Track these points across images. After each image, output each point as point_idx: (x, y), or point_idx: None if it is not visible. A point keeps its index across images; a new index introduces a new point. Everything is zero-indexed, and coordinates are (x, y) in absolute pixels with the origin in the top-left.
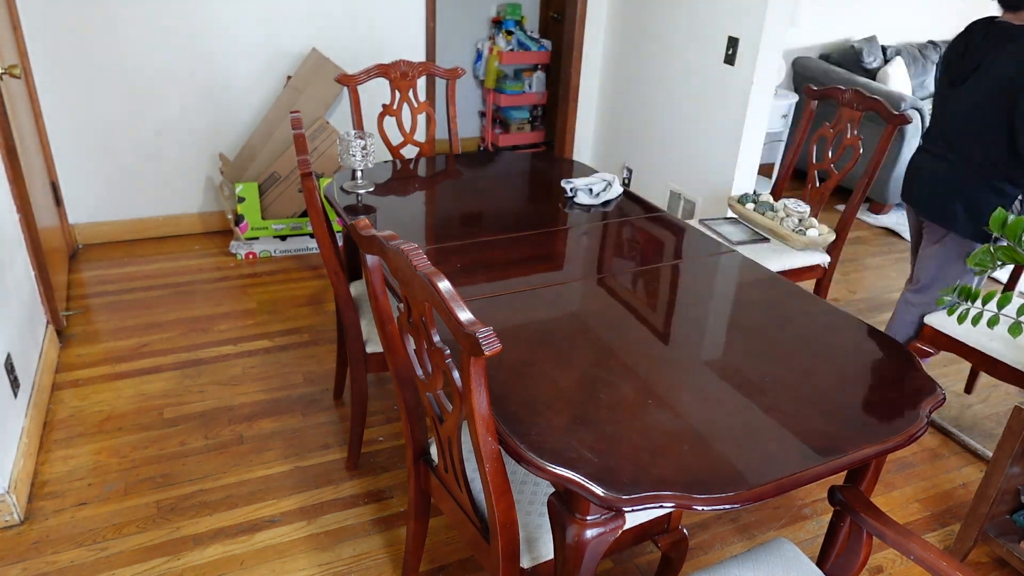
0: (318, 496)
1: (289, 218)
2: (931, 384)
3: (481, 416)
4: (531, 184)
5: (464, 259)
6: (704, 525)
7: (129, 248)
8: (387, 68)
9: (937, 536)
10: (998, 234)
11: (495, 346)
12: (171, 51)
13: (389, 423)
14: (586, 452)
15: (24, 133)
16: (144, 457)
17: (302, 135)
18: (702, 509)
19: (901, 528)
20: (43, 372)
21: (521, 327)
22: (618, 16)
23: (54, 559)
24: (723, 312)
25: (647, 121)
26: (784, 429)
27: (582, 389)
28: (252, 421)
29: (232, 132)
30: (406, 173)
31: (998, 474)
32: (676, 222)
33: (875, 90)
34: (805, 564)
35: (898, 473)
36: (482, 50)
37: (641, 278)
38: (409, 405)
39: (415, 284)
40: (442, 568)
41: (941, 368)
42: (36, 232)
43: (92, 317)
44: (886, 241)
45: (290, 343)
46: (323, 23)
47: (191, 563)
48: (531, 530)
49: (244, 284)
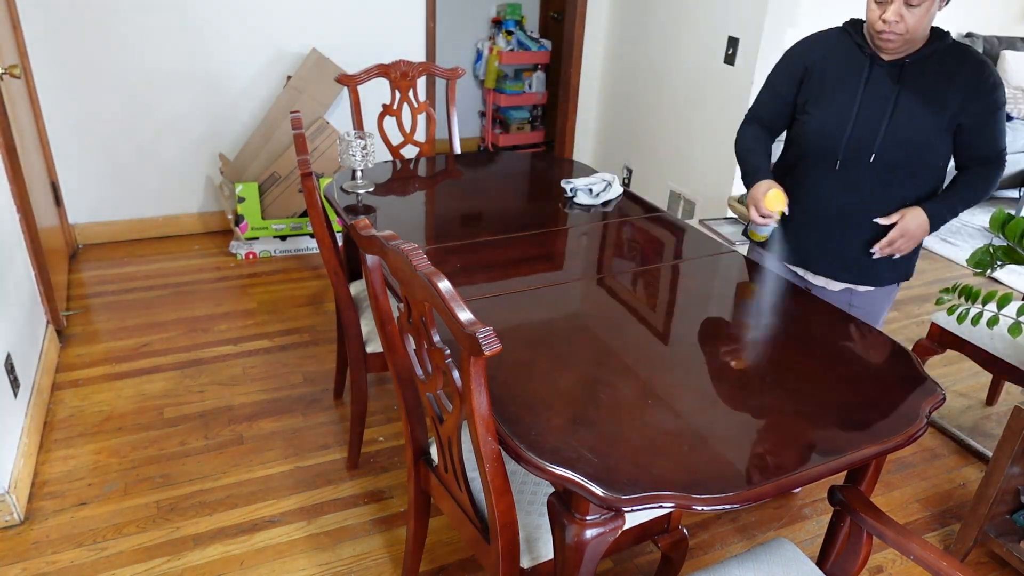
0: (318, 496)
1: (289, 218)
2: (931, 384)
3: (481, 416)
4: (531, 184)
5: (464, 259)
6: (704, 525)
7: (129, 248)
8: (387, 68)
9: (937, 536)
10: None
11: (495, 346)
12: (171, 51)
13: (389, 423)
14: (586, 452)
15: (24, 133)
16: (144, 457)
17: (302, 135)
18: (702, 509)
19: (901, 528)
20: (43, 372)
21: (521, 327)
22: (618, 16)
23: (54, 559)
24: (723, 312)
25: (647, 121)
26: (784, 429)
27: (582, 389)
28: (252, 421)
29: (232, 132)
30: (406, 173)
31: (998, 474)
32: (676, 222)
33: None
34: (805, 564)
35: (898, 473)
36: (482, 50)
37: (641, 278)
38: (409, 405)
39: (415, 284)
40: (442, 568)
41: (941, 368)
42: (36, 232)
43: (92, 317)
44: None
45: (290, 343)
46: (323, 23)
47: (191, 563)
48: (531, 530)
49: (244, 284)
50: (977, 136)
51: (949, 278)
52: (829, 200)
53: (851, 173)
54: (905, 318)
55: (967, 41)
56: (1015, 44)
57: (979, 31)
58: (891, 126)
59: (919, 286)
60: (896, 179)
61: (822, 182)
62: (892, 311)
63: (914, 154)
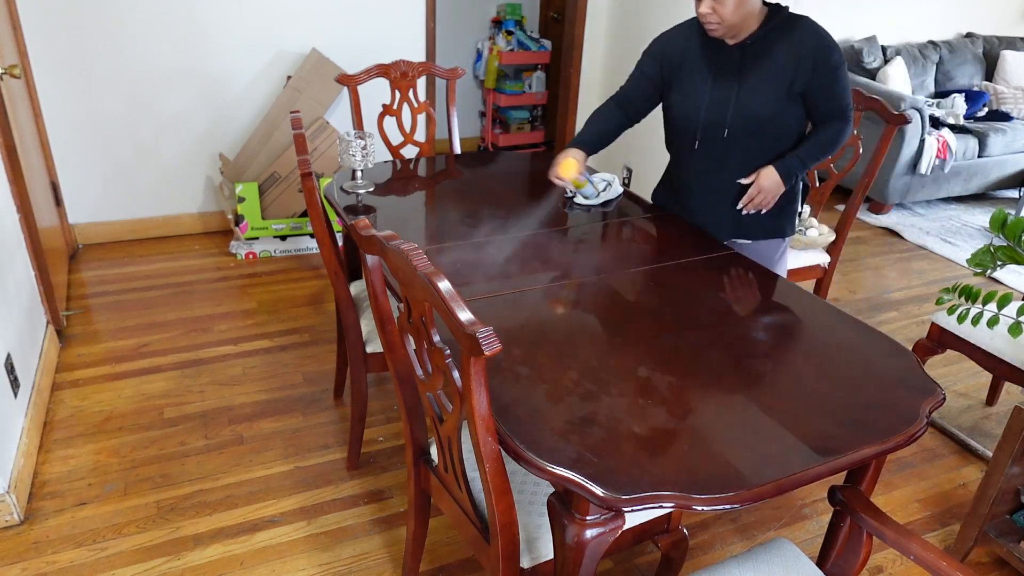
0: (318, 496)
1: (289, 218)
2: (931, 384)
3: (481, 416)
4: (531, 184)
5: (464, 259)
6: (704, 525)
7: (129, 248)
8: (387, 68)
9: (937, 536)
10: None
11: (495, 346)
12: (171, 51)
13: (389, 423)
14: (586, 452)
15: (24, 133)
16: (144, 457)
17: (302, 135)
18: (702, 509)
19: (901, 528)
20: (43, 372)
21: (521, 327)
22: (618, 16)
23: (54, 559)
24: (723, 312)
25: (647, 121)
26: (784, 429)
27: (582, 389)
28: (252, 421)
29: (232, 132)
30: (406, 173)
31: (998, 474)
32: (676, 222)
33: (875, 90)
34: (805, 564)
35: (898, 473)
36: (482, 50)
37: (641, 278)
38: (409, 405)
39: (415, 284)
40: (442, 568)
41: (942, 368)
42: (36, 232)
43: (92, 317)
44: (886, 241)
45: (290, 343)
46: (323, 23)
47: (191, 563)
48: (531, 530)
49: (244, 284)
50: (820, 97)
51: (949, 278)
52: (696, 174)
53: (710, 149)
54: (905, 318)
55: (967, 41)
56: (1015, 44)
57: (979, 31)
58: (738, 104)
59: (919, 286)
60: (750, 149)
61: (688, 159)
62: (892, 311)
63: (763, 125)
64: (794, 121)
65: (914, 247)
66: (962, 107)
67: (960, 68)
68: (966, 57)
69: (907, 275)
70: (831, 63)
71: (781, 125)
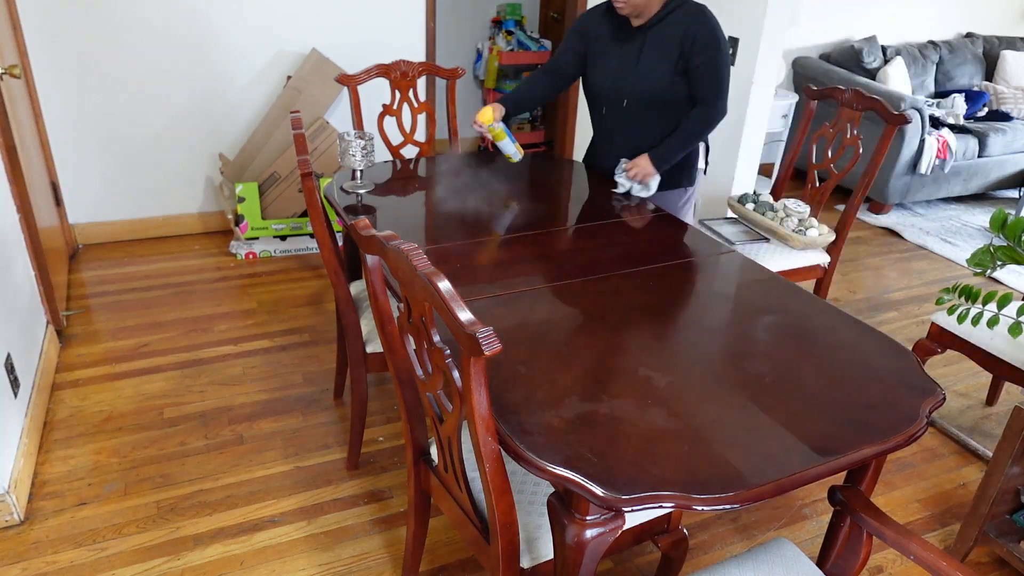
0: (318, 496)
1: (289, 218)
2: (931, 384)
3: (481, 416)
4: (531, 184)
5: (464, 259)
6: (704, 525)
7: (129, 248)
8: (387, 68)
9: (937, 536)
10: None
11: (495, 346)
12: (171, 51)
13: (389, 423)
14: (586, 452)
15: (24, 133)
16: (144, 457)
17: (302, 135)
18: (702, 509)
19: (901, 528)
20: (43, 372)
21: (521, 327)
22: None
23: (54, 559)
24: (723, 312)
25: None
26: (784, 429)
27: (582, 389)
28: (252, 421)
29: (232, 132)
30: (406, 173)
31: (998, 474)
32: (676, 222)
33: (875, 90)
34: (805, 564)
35: (898, 473)
36: (482, 50)
37: (641, 278)
38: (409, 405)
39: (415, 284)
40: (442, 568)
41: (942, 368)
42: (36, 232)
43: (92, 317)
44: (886, 241)
45: (290, 343)
46: (323, 23)
47: (191, 563)
48: (531, 530)
49: (244, 284)
50: (697, 78)
51: (949, 278)
52: (603, 136)
53: (614, 114)
54: (905, 318)
55: (967, 41)
56: (1015, 44)
57: (979, 31)
58: (635, 77)
59: (919, 286)
60: (646, 116)
61: (598, 123)
62: (892, 311)
63: (655, 97)
64: (683, 96)
65: (914, 247)
66: (962, 107)
67: (960, 68)
68: (966, 57)
69: (907, 275)
70: (709, 49)
71: (671, 98)
